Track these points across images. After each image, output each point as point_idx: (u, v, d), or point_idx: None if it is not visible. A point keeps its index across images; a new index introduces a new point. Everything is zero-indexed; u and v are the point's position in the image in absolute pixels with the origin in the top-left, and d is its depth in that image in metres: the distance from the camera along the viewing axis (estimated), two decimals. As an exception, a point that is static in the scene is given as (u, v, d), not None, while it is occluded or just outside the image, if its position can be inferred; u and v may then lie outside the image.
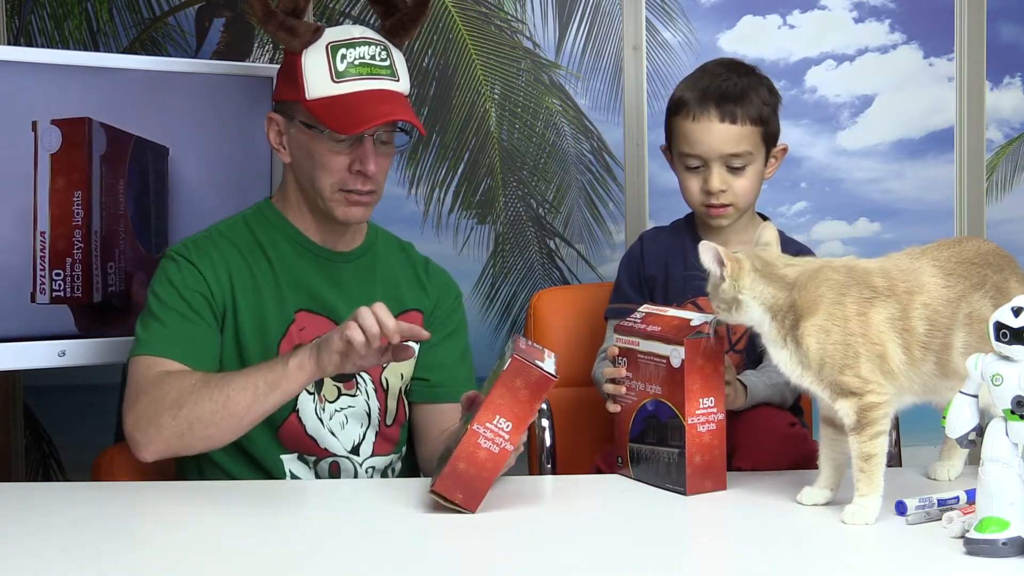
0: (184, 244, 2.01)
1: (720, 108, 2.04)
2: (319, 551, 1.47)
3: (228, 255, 1.99)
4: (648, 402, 1.76)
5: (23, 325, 2.17)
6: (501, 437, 1.59)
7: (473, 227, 2.89)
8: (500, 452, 1.59)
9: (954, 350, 1.61)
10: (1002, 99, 2.93)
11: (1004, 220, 2.95)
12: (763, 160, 2.09)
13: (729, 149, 2.04)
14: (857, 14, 2.91)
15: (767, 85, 2.11)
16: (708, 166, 2.05)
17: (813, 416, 2.34)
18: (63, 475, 2.86)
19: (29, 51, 2.46)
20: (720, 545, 1.55)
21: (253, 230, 2.04)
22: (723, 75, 2.08)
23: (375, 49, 1.98)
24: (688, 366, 1.69)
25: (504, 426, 1.58)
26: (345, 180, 1.96)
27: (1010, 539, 1.37)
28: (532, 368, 1.59)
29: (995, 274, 1.68)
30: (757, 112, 2.05)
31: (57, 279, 2.18)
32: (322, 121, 1.94)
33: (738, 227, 2.12)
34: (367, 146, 1.94)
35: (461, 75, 2.87)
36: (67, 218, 2.19)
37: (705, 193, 2.06)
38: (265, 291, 1.98)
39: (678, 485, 1.71)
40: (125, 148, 2.26)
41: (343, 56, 1.96)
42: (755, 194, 2.10)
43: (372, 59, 1.97)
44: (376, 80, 1.96)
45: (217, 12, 2.84)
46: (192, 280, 1.95)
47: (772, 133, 2.09)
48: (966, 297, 1.63)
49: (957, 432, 1.45)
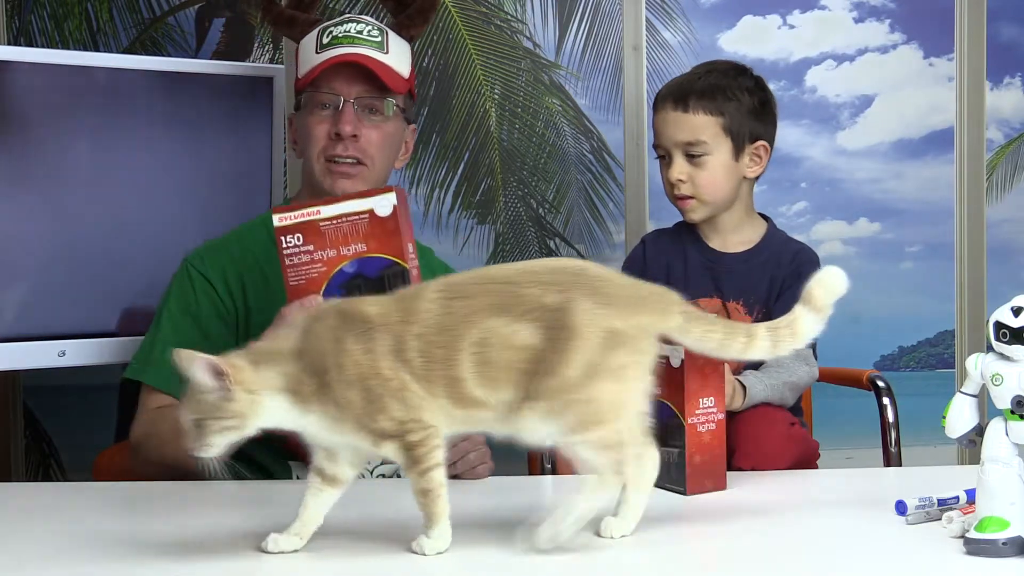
0: (198, 253, 2.02)
1: (675, 98, 2.09)
2: (322, 550, 1.46)
3: (242, 263, 2.00)
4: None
5: (23, 325, 2.17)
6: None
7: (473, 227, 2.89)
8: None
9: (466, 381, 1.37)
10: (1002, 99, 2.93)
11: (1004, 220, 2.95)
12: (730, 154, 2.09)
13: (682, 137, 2.08)
14: (857, 14, 2.91)
15: (748, 87, 2.12)
16: (671, 156, 2.10)
17: (813, 417, 2.34)
18: (63, 475, 2.86)
19: (29, 51, 2.47)
20: (720, 545, 1.55)
21: (271, 232, 2.03)
22: (699, 73, 2.14)
23: (364, 27, 2.00)
24: (688, 366, 1.69)
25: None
26: (327, 147, 1.97)
27: (1010, 539, 1.37)
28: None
29: (554, 295, 1.38)
30: (716, 105, 2.07)
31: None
32: (304, 89, 1.98)
33: (732, 225, 2.13)
34: (344, 109, 1.95)
35: (461, 75, 2.87)
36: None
37: (669, 184, 2.10)
38: (279, 297, 1.98)
39: (678, 485, 1.70)
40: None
41: (329, 32, 1.99)
42: (723, 189, 2.10)
43: (358, 33, 1.98)
44: (355, 47, 1.97)
45: (217, 12, 2.84)
46: (204, 297, 1.97)
47: (737, 127, 2.09)
48: (475, 322, 1.37)
49: (957, 432, 1.45)
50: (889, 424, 2.15)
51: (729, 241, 2.13)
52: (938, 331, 2.97)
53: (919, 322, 2.96)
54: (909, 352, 2.97)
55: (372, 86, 1.97)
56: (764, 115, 2.13)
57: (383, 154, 2.00)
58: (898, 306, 2.96)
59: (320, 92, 1.96)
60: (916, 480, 1.78)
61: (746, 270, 2.11)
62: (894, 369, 2.94)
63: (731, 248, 2.13)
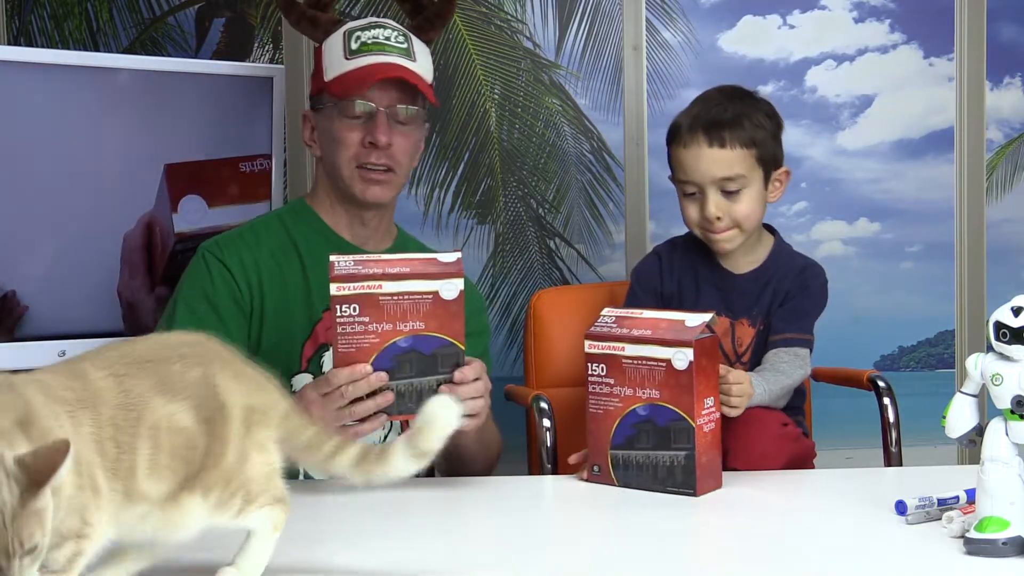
0: (216, 241, 2.02)
1: (708, 134, 2.04)
2: (322, 550, 1.47)
3: (258, 254, 2.00)
4: (639, 407, 1.73)
5: (24, 325, 2.17)
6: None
7: (473, 227, 2.89)
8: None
9: (139, 470, 1.18)
10: (1002, 99, 2.93)
11: (1004, 220, 2.95)
12: (762, 183, 2.07)
13: (721, 173, 2.04)
14: (857, 14, 2.91)
15: (764, 110, 2.10)
16: (704, 192, 2.06)
17: (813, 417, 2.34)
18: (63, 475, 2.86)
19: (29, 51, 2.47)
20: (720, 544, 1.55)
21: (288, 228, 2.05)
22: (716, 101, 2.09)
23: (391, 32, 2.01)
24: (695, 367, 1.69)
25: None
26: (359, 154, 1.98)
27: (1010, 539, 1.37)
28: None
29: (193, 368, 1.25)
30: (748, 136, 2.04)
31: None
32: (334, 95, 1.98)
33: (746, 246, 2.12)
34: (379, 119, 1.97)
35: (461, 75, 2.87)
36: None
37: (703, 219, 2.07)
38: (293, 293, 1.99)
39: (686, 487, 1.69)
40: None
41: (357, 37, 2.00)
42: (758, 216, 2.09)
43: (387, 40, 1.99)
44: (387, 55, 1.98)
45: (217, 12, 2.84)
46: (220, 281, 1.96)
47: (768, 156, 2.07)
48: (147, 403, 1.21)
49: (957, 432, 1.45)
50: (889, 424, 2.15)
51: (741, 262, 2.13)
52: (938, 331, 2.97)
53: (919, 322, 2.97)
54: (909, 352, 2.97)
55: (405, 96, 1.99)
56: (780, 139, 2.12)
57: (409, 159, 2.03)
58: (898, 306, 2.96)
59: (354, 100, 1.97)
60: (916, 480, 1.78)
61: (755, 289, 2.10)
62: (894, 369, 2.94)
63: (742, 268, 2.12)
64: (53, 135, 2.20)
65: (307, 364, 1.98)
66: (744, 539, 1.53)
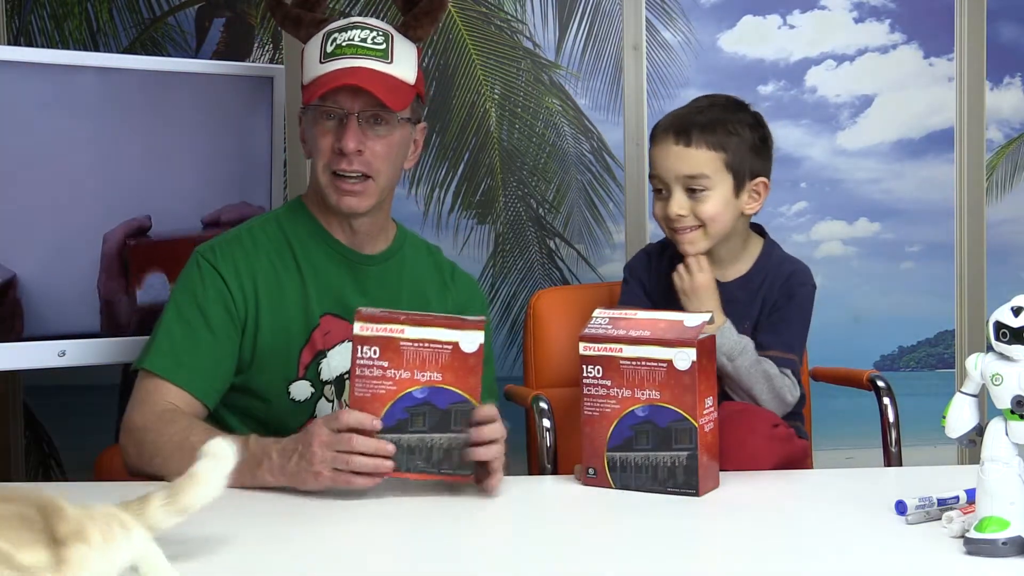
0: (211, 245, 1.98)
1: (676, 132, 2.06)
2: (322, 549, 1.47)
3: (255, 259, 1.96)
4: (638, 408, 1.72)
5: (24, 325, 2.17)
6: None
7: (473, 227, 2.89)
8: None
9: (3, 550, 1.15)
10: (1002, 99, 2.94)
11: (1004, 220, 2.95)
12: (731, 188, 2.07)
13: (684, 171, 2.05)
14: (857, 14, 2.91)
15: (749, 122, 2.10)
16: (670, 190, 2.07)
17: (812, 417, 2.34)
18: (63, 475, 2.86)
19: (29, 51, 2.47)
20: (721, 544, 1.55)
21: (285, 230, 2.01)
22: (699, 106, 2.11)
23: (369, 33, 1.96)
24: (697, 367, 1.68)
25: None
26: (332, 160, 1.93)
27: (1010, 539, 1.37)
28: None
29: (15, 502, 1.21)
30: (717, 139, 2.05)
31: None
32: (308, 99, 1.95)
33: (731, 252, 2.12)
34: (349, 124, 1.92)
35: (461, 75, 2.87)
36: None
37: (666, 218, 2.08)
38: (290, 296, 1.96)
39: (688, 488, 1.69)
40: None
41: (333, 40, 1.96)
42: (725, 221, 2.08)
43: (363, 41, 1.95)
44: (359, 59, 1.94)
45: (217, 12, 2.84)
46: (213, 289, 1.93)
47: (738, 163, 2.07)
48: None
49: (957, 432, 1.45)
50: (889, 424, 2.15)
51: (728, 272, 2.12)
52: (938, 331, 2.97)
53: (919, 322, 2.97)
54: (909, 352, 2.97)
55: (375, 101, 1.95)
56: (763, 152, 2.11)
57: (389, 164, 1.97)
58: (898, 306, 2.96)
59: (324, 105, 1.93)
60: (916, 480, 1.78)
61: (743, 296, 2.10)
62: (894, 369, 2.94)
63: (729, 276, 2.12)
64: (53, 135, 2.20)
65: (304, 371, 1.96)
66: (744, 539, 1.53)
